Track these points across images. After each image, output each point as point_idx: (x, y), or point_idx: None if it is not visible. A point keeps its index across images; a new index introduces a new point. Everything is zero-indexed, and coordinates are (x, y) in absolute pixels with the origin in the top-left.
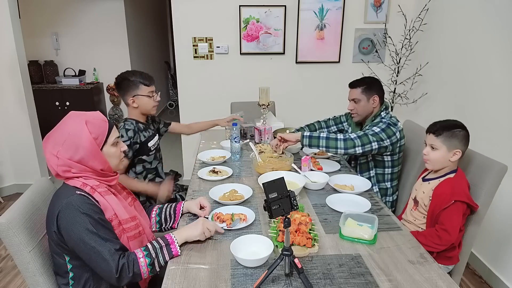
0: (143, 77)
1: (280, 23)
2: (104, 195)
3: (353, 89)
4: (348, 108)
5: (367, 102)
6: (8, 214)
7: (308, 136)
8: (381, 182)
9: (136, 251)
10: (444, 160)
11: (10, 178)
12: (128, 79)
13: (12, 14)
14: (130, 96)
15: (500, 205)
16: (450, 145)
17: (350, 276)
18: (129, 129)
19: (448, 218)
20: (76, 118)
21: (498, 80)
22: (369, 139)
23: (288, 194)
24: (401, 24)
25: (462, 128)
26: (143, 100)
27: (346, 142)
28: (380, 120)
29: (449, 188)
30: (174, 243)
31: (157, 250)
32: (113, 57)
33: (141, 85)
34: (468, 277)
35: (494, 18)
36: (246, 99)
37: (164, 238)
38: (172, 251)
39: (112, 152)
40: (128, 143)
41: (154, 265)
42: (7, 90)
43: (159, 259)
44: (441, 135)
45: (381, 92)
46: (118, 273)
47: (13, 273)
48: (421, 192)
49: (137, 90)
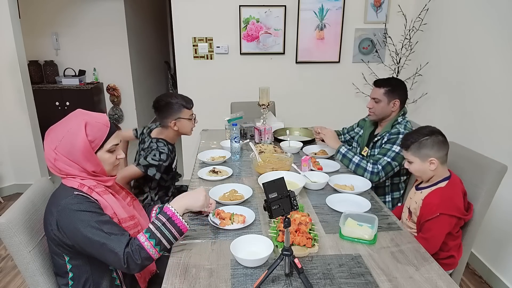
0: (185, 100)
1: (280, 23)
2: (102, 194)
3: (376, 88)
4: (367, 105)
5: (387, 105)
6: (8, 214)
7: (343, 154)
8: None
9: (138, 236)
10: (424, 171)
11: (10, 178)
12: (171, 102)
13: (12, 14)
14: (173, 119)
15: (500, 205)
16: (422, 156)
17: (350, 276)
18: (163, 152)
19: (431, 229)
20: (79, 117)
21: (498, 80)
22: (391, 166)
23: (288, 194)
24: (401, 24)
25: (430, 135)
26: (184, 123)
27: (373, 176)
28: (399, 131)
29: (437, 199)
30: (175, 215)
31: (161, 228)
32: (113, 57)
33: (183, 109)
34: (468, 277)
35: (494, 18)
36: (246, 99)
37: (163, 213)
38: (176, 223)
39: (105, 158)
40: (157, 164)
41: (161, 244)
42: (7, 90)
43: (165, 236)
44: (409, 148)
45: (404, 97)
46: (126, 262)
47: (13, 273)
48: (414, 202)
49: (179, 114)
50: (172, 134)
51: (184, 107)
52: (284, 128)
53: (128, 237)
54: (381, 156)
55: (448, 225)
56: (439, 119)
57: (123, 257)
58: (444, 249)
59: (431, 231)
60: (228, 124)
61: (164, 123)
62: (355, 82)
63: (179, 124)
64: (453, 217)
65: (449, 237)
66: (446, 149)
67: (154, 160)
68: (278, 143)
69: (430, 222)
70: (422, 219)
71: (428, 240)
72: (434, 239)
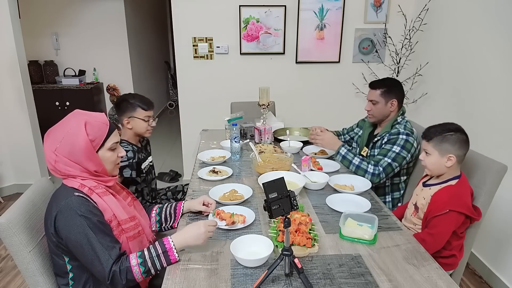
0: (143, 101)
1: (280, 23)
2: (102, 196)
3: (372, 90)
4: (365, 108)
5: (385, 106)
6: (8, 214)
7: (343, 156)
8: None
9: (130, 258)
10: (439, 166)
11: (10, 178)
12: (127, 100)
13: (12, 14)
14: (126, 117)
15: (500, 205)
16: (442, 150)
17: (350, 276)
18: (128, 150)
19: (438, 225)
20: (78, 117)
21: (498, 80)
22: (392, 167)
23: (288, 194)
24: (401, 24)
25: (455, 132)
26: (138, 122)
27: (373, 177)
28: (398, 131)
29: (447, 196)
30: (172, 250)
31: (154, 258)
32: (113, 57)
33: (138, 108)
34: (468, 277)
35: (494, 17)
36: (246, 99)
37: (162, 244)
38: (170, 258)
39: (107, 157)
40: (127, 163)
41: (149, 272)
42: (7, 90)
43: (155, 266)
44: (431, 139)
45: (401, 95)
46: (110, 279)
47: (13, 273)
48: (421, 198)
49: (133, 113)
50: (129, 133)
51: (139, 107)
52: (284, 128)
53: (118, 252)
54: (382, 157)
55: (456, 222)
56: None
57: (108, 273)
58: (447, 248)
59: (438, 227)
60: (228, 124)
61: (120, 120)
62: (355, 82)
63: (133, 122)
64: (461, 214)
65: (454, 236)
66: (466, 149)
67: (123, 161)
68: (278, 143)
69: (438, 218)
70: (430, 215)
71: (434, 236)
72: (440, 235)
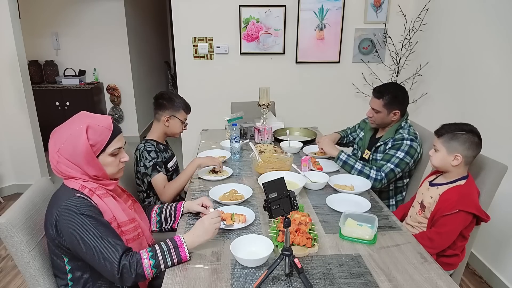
0: (186, 104)
1: (280, 23)
2: (102, 197)
3: (375, 99)
4: (367, 114)
5: (387, 116)
6: (8, 214)
7: (344, 161)
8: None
9: (141, 251)
10: (445, 163)
11: (10, 178)
12: (174, 99)
13: (12, 14)
14: (168, 114)
15: (500, 205)
16: (450, 148)
17: (350, 276)
18: (150, 151)
19: (447, 224)
20: (82, 120)
21: (498, 80)
22: (394, 173)
23: (288, 194)
24: (401, 24)
25: (468, 132)
26: (176, 123)
27: (375, 182)
28: (403, 137)
29: (457, 196)
30: (183, 246)
31: (165, 252)
32: (113, 57)
33: (181, 110)
34: (468, 277)
35: (493, 18)
36: (246, 99)
37: (172, 240)
38: (181, 254)
39: (108, 162)
40: (153, 163)
41: (159, 267)
42: (7, 90)
43: (166, 261)
44: (442, 136)
45: (404, 106)
46: (120, 273)
47: (13, 273)
48: (428, 197)
49: (176, 112)
50: (161, 131)
51: (182, 108)
52: (284, 128)
53: (123, 247)
54: (385, 163)
55: (464, 222)
56: (439, 119)
57: (118, 267)
58: (451, 247)
59: (447, 227)
60: (228, 124)
61: (159, 116)
62: (355, 82)
63: (171, 121)
64: (470, 214)
65: (459, 237)
66: (476, 152)
67: (148, 161)
68: (278, 143)
69: (447, 218)
70: (438, 215)
71: (442, 235)
72: (447, 234)
